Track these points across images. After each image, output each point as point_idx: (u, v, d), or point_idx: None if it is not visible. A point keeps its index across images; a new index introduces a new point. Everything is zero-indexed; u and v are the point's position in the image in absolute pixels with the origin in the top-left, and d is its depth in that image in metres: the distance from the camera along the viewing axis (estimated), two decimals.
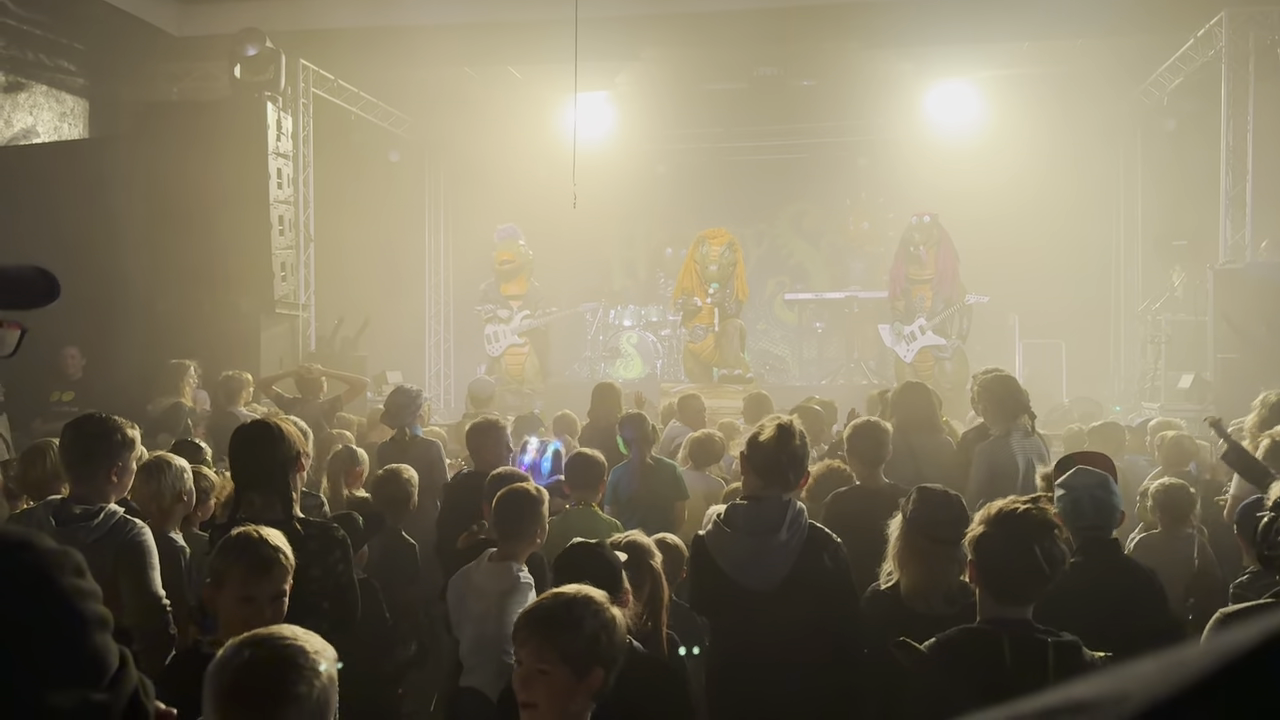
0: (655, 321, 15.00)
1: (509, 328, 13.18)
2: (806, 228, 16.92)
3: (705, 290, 11.33)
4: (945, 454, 5.37)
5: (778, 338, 16.61)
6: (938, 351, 11.88)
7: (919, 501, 3.16)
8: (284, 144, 10.96)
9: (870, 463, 4.51)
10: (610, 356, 14.83)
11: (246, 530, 2.62)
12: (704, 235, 11.45)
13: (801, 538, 3.12)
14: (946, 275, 11.95)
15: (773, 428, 3.15)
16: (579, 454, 4.88)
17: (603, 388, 6.95)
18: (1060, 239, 13.72)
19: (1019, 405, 5.13)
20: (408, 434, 5.79)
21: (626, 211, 15.96)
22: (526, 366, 13.18)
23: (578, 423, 7.20)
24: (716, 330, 11.23)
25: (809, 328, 15.96)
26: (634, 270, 16.92)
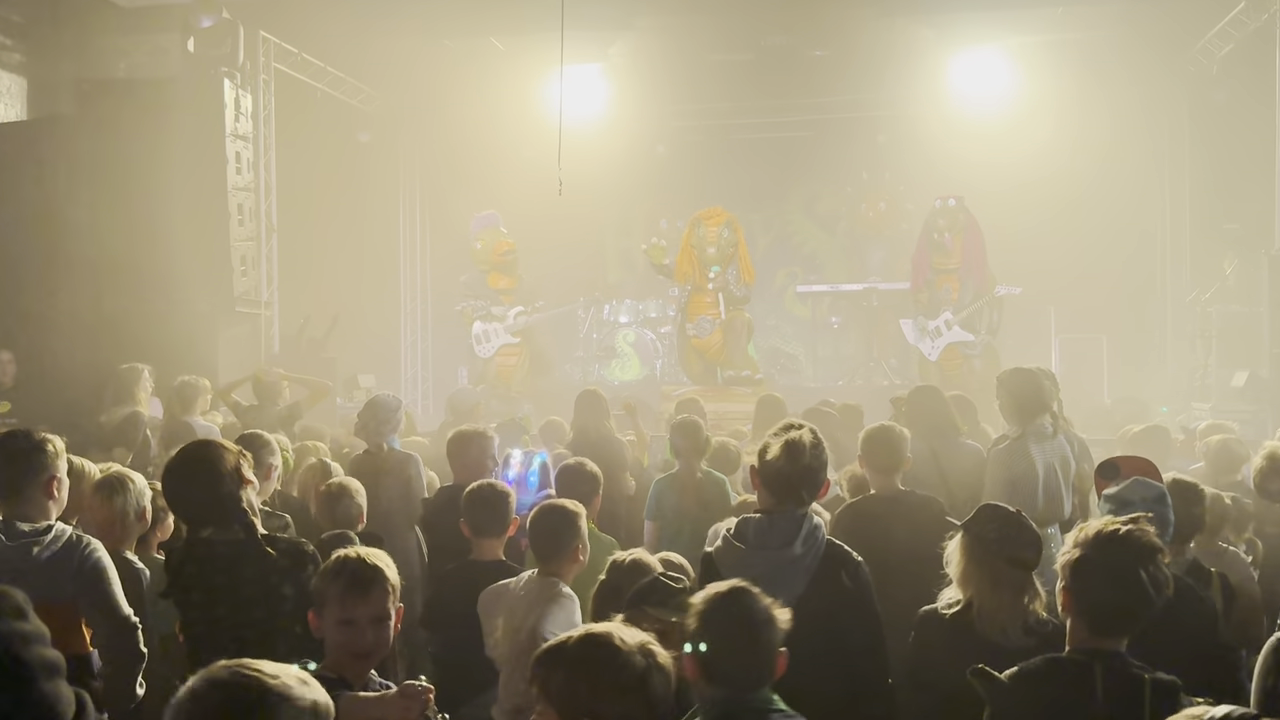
0: (654, 318, 15.01)
1: (503, 325, 13.17)
2: (820, 212, 16.94)
3: (705, 275, 11.35)
4: (971, 460, 5.40)
5: (789, 334, 16.63)
6: (965, 348, 11.91)
7: (990, 520, 3.17)
8: (243, 125, 10.96)
9: (885, 470, 4.55)
10: (605, 357, 14.86)
11: (346, 552, 2.75)
12: (699, 217, 11.48)
13: (818, 554, 3.14)
14: (974, 264, 11.98)
15: (779, 445, 3.17)
16: (570, 464, 4.93)
17: (586, 396, 7.00)
18: (1100, 223, 13.74)
19: (1038, 403, 5.15)
20: (385, 447, 5.79)
21: (622, 196, 15.97)
22: (519, 369, 13.17)
23: (568, 430, 7.22)
24: (723, 321, 11.24)
25: (824, 323, 15.99)
26: (630, 261, 16.94)
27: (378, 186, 15.03)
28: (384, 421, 5.85)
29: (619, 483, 6.35)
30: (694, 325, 11.45)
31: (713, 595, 2.43)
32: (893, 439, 4.59)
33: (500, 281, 13.34)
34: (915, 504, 4.48)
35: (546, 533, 3.72)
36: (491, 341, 13.17)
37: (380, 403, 5.96)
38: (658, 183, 15.53)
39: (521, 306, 13.19)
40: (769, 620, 2.38)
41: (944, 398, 5.82)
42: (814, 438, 3.19)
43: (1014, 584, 3.07)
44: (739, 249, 11.43)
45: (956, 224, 12.01)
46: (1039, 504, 4.90)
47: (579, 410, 6.95)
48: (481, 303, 13.23)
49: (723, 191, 14.39)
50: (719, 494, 5.41)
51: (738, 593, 2.42)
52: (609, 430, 6.84)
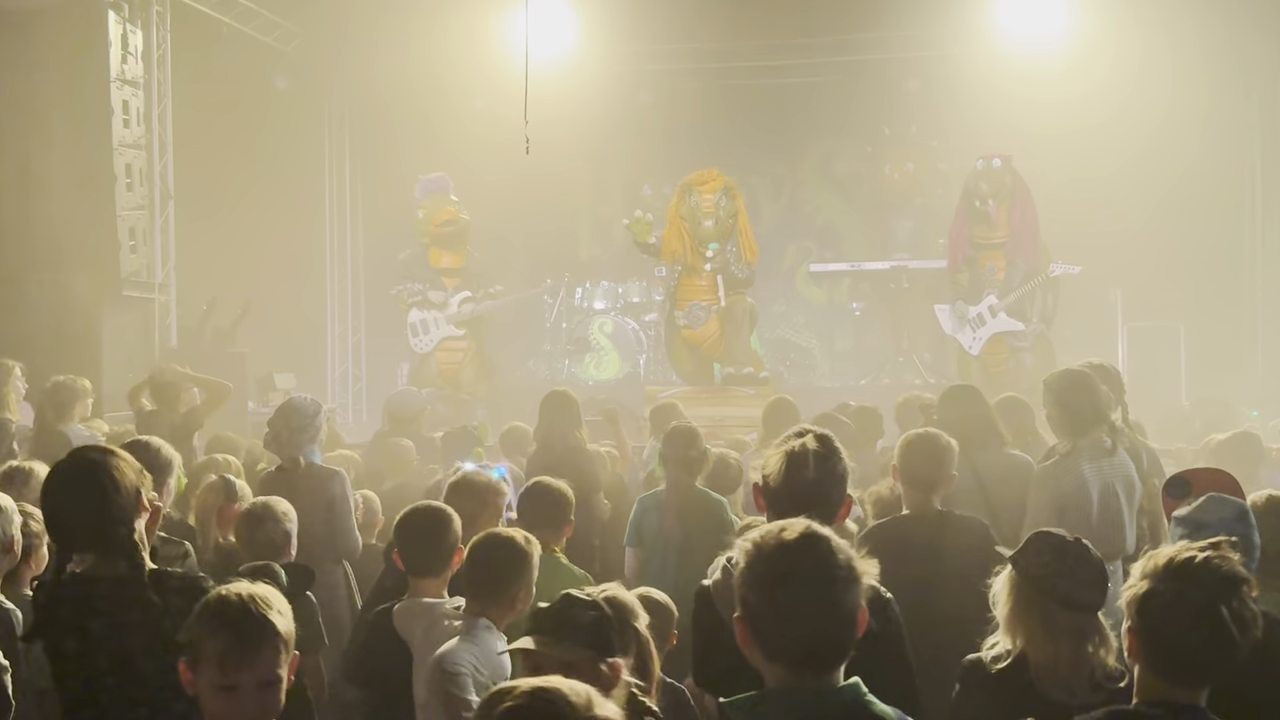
0: (637, 304, 15.02)
1: (444, 315, 13.12)
2: (838, 175, 16.97)
3: (701, 255, 11.32)
4: (1020, 477, 5.41)
5: (801, 323, 16.66)
6: (1014, 340, 11.95)
7: (1041, 551, 3.16)
8: (132, 67, 10.87)
9: (925, 486, 4.56)
10: (577, 351, 14.85)
11: (226, 592, 2.68)
12: (689, 183, 11.44)
13: None
14: (1024, 237, 12.01)
15: (779, 457, 3.16)
16: (538, 483, 4.93)
17: (554, 399, 6.98)
18: (1177, 192, 13.78)
19: (1093, 412, 5.16)
20: (302, 462, 5.76)
21: (598, 156, 15.96)
22: (467, 367, 13.14)
23: (532, 440, 7.21)
24: (720, 311, 11.24)
25: (843, 309, 16.03)
26: (608, 235, 16.92)
27: (299, 145, 14.95)
28: (299, 430, 5.79)
29: (593, 505, 6.33)
30: (685, 313, 11.44)
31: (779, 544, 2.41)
32: (938, 449, 4.61)
33: (443, 259, 13.31)
34: (958, 528, 4.48)
35: (483, 566, 3.73)
36: (430, 334, 13.15)
37: (294, 407, 5.90)
38: (641, 139, 15.48)
39: (468, 291, 13.14)
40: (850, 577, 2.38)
41: (983, 399, 5.82)
42: (823, 446, 3.18)
43: (1073, 630, 3.06)
44: (739, 220, 11.43)
45: (1002, 188, 12.04)
46: (1093, 535, 4.90)
47: (544, 416, 6.93)
48: (419, 286, 13.18)
49: (719, 150, 14.40)
50: (715, 518, 5.40)
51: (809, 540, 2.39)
52: (580, 440, 6.83)
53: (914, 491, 4.59)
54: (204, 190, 12.58)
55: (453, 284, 13.27)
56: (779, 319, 16.55)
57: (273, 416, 5.99)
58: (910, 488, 4.60)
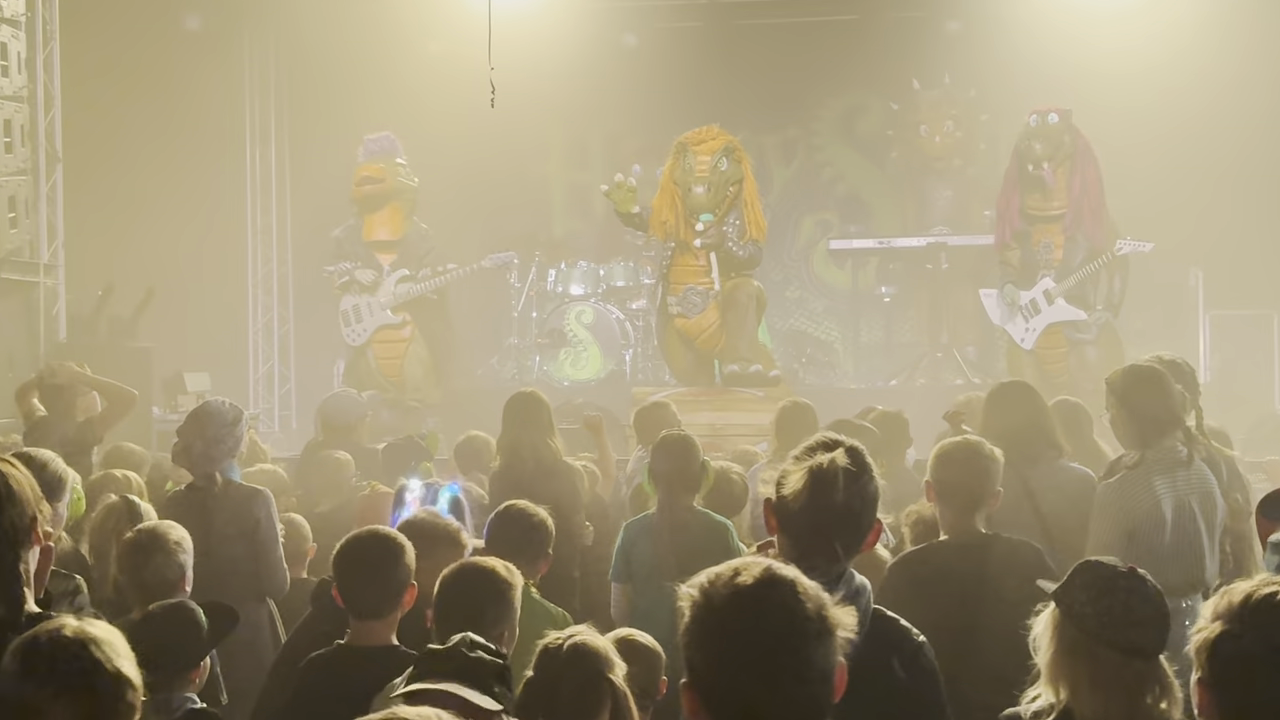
0: (622, 288, 15.00)
1: (376, 299, 13.03)
2: (864, 134, 16.97)
3: (691, 226, 11.26)
4: (1081, 492, 5.40)
5: (819, 312, 16.66)
6: (1074, 331, 11.93)
7: (1086, 585, 3.15)
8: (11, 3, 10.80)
9: (964, 506, 4.55)
10: (551, 345, 14.82)
11: (52, 629, 2.56)
12: (684, 141, 11.36)
13: (862, 631, 3.10)
14: (1087, 208, 11.99)
15: (803, 474, 3.12)
16: (512, 508, 4.93)
17: (522, 403, 6.94)
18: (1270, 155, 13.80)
19: (1167, 415, 5.15)
20: (219, 480, 5.74)
21: (575, 111, 15.93)
22: (410, 361, 13.07)
23: (493, 449, 7.18)
24: (721, 296, 11.22)
25: (870, 295, 16.03)
26: (587, 206, 16.90)
27: (215, 98, 14.87)
28: (215, 440, 5.76)
29: (572, 529, 6.31)
30: (679, 299, 11.40)
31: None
32: (979, 460, 4.60)
33: (377, 230, 13.18)
34: (1007, 555, 4.47)
35: (457, 604, 3.69)
36: (364, 322, 13.06)
37: (209, 413, 5.86)
38: (625, 91, 15.47)
39: (407, 269, 13.07)
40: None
41: (1038, 400, 5.80)
42: (855, 462, 3.15)
43: (1126, 679, 3.04)
44: (744, 189, 11.38)
45: (1059, 150, 12.01)
46: (1167, 563, 4.91)
47: (510, 423, 6.90)
48: (347, 265, 13.10)
49: (720, 105, 14.37)
50: (718, 545, 5.37)
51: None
52: (554, 452, 6.80)
53: (952, 512, 4.58)
54: (99, 153, 12.52)
55: (388, 260, 13.15)
56: (792, 306, 16.54)
57: (183, 424, 5.95)
58: (947, 508, 4.59)
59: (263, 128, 15.88)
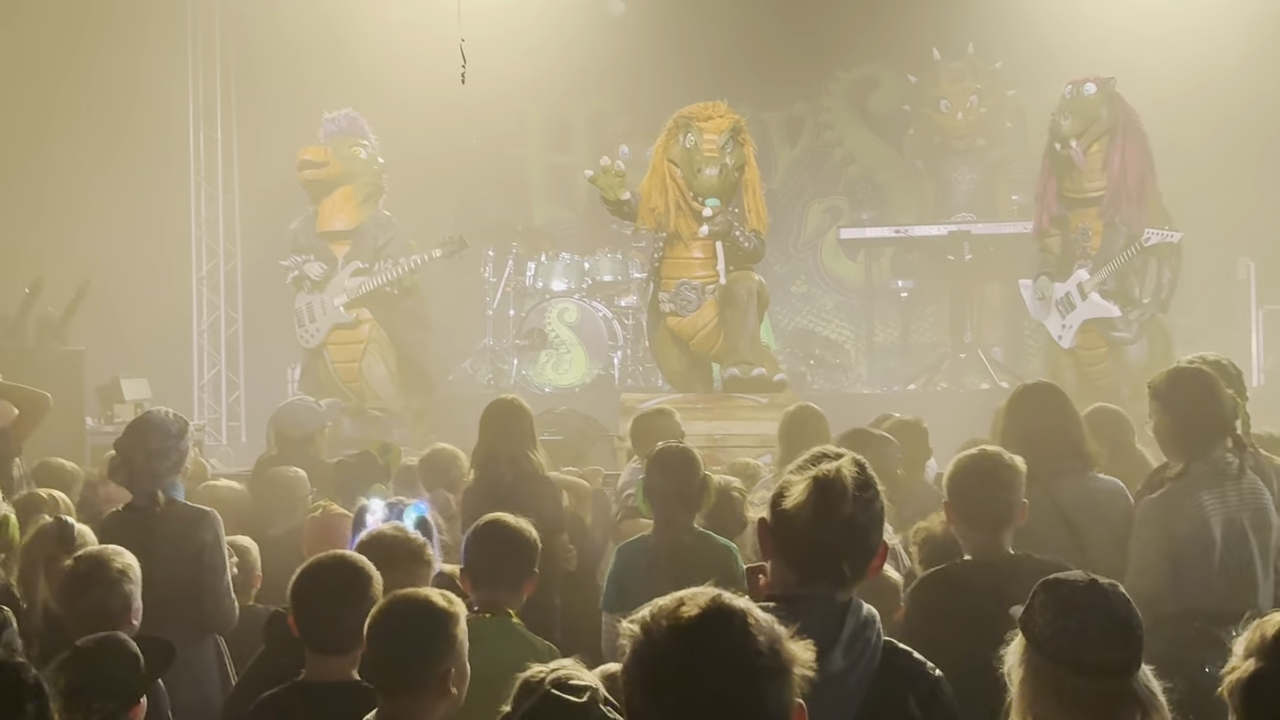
0: (609, 283, 15.02)
1: (329, 294, 12.95)
2: (878, 111, 17.00)
3: (694, 214, 11.19)
4: (1115, 506, 5.42)
5: (828, 309, 16.69)
6: (1109, 329, 11.77)
7: (1045, 607, 3.18)
8: None
9: (987, 524, 4.55)
10: (530, 346, 14.83)
11: None
12: (687, 116, 11.25)
13: (871, 667, 3.13)
14: (1127, 190, 11.79)
15: (803, 488, 3.12)
16: (494, 524, 4.91)
17: (500, 411, 6.96)
18: None
19: (1215, 422, 5.16)
20: (161, 499, 5.73)
21: (555, 86, 15.93)
22: (369, 365, 13.04)
23: (463, 463, 7.21)
24: (718, 292, 11.21)
25: (885, 290, 16.07)
26: (569, 192, 16.92)
27: (154, 70, 14.84)
28: (158, 454, 5.75)
29: (554, 551, 6.31)
30: (671, 296, 11.38)
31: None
32: (1000, 472, 4.59)
33: (332, 220, 13.05)
34: (1036, 577, 4.45)
35: (388, 646, 3.67)
36: (317, 321, 12.98)
37: (152, 424, 5.86)
38: (611, 64, 15.50)
39: (360, 261, 13.00)
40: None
41: (1064, 403, 5.78)
42: (859, 473, 3.16)
43: (1094, 703, 3.08)
44: (747, 174, 11.36)
45: (1094, 124, 11.80)
46: (1216, 589, 4.93)
47: (486, 433, 6.92)
48: (298, 258, 13.01)
49: (718, 78, 14.37)
50: (722, 570, 5.35)
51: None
52: (535, 465, 6.82)
53: (973, 531, 4.57)
54: (20, 132, 12.48)
55: (342, 251, 13.02)
56: (799, 303, 16.57)
57: (121, 437, 5.94)
58: (968, 527, 4.59)
59: (208, 105, 15.83)
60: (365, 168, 13.07)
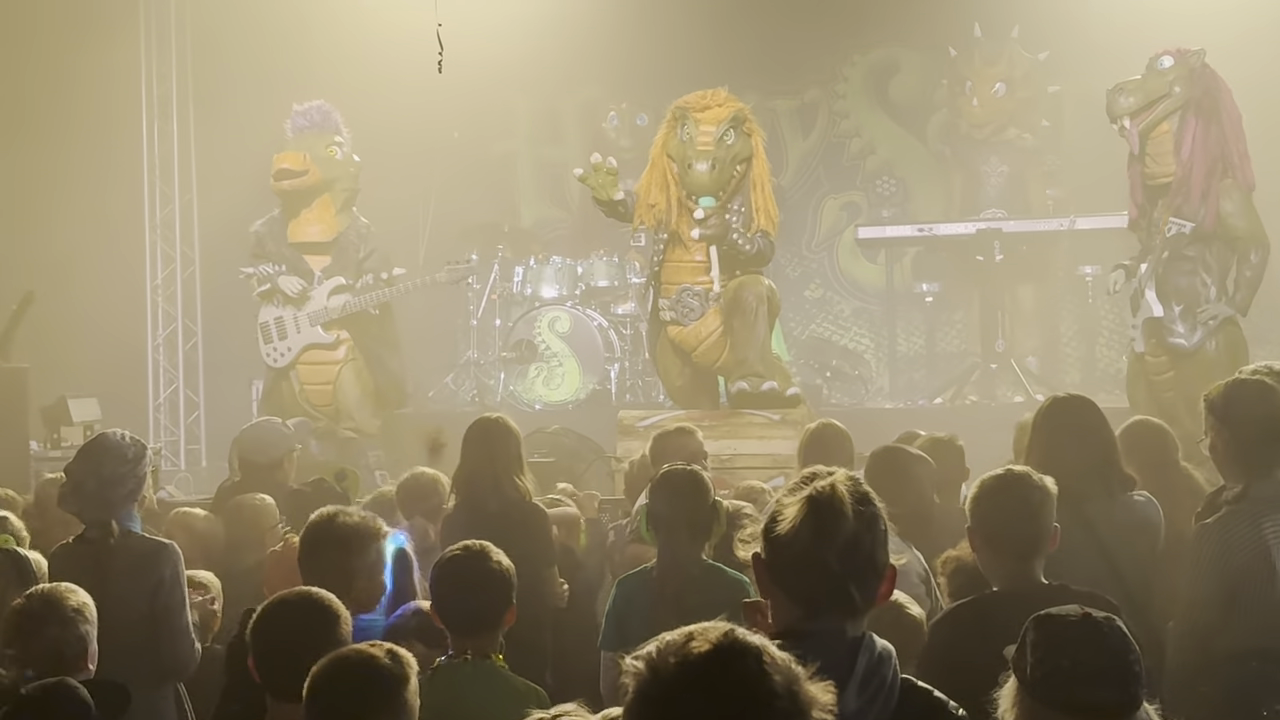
0: (604, 288, 15.02)
1: (304, 312, 12.96)
2: (899, 98, 17.01)
3: (687, 213, 11.19)
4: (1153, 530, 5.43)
5: (846, 315, 16.71)
6: (1166, 333, 11.42)
7: (1036, 645, 3.22)
8: None
9: (1017, 551, 4.56)
10: (517, 360, 14.81)
11: None
12: (684, 106, 11.21)
13: (888, 707, 3.15)
14: (1194, 178, 11.46)
15: (796, 510, 3.13)
16: (459, 557, 4.91)
17: (484, 431, 6.98)
18: None
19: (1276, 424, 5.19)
20: (116, 530, 5.75)
21: (542, 75, 15.97)
22: (344, 387, 13.05)
23: (444, 489, 7.22)
24: (724, 299, 11.21)
25: (908, 294, 16.08)
26: (560, 190, 16.94)
27: (104, 58, 14.88)
28: (113, 481, 5.77)
29: (542, 586, 6.35)
30: (672, 303, 11.35)
31: None
32: (1028, 493, 4.60)
33: (306, 230, 13.05)
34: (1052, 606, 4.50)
35: (330, 710, 3.67)
36: (289, 339, 12.95)
37: (106, 448, 5.88)
38: (604, 50, 15.51)
39: (342, 277, 13.02)
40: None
41: (1097, 419, 5.77)
42: (856, 488, 3.18)
43: None
44: (753, 169, 11.34)
45: (1164, 100, 11.39)
46: (1277, 623, 4.96)
47: (469, 454, 6.95)
48: (269, 268, 12.98)
49: (722, 63, 14.44)
50: (732, 605, 5.32)
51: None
52: (522, 491, 6.85)
53: (1000, 559, 4.58)
54: None
55: (320, 264, 13.07)
56: (814, 309, 16.58)
57: (72, 461, 5.96)
58: (995, 554, 4.59)
59: (163, 94, 15.82)
60: (342, 170, 13.09)
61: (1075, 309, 15.60)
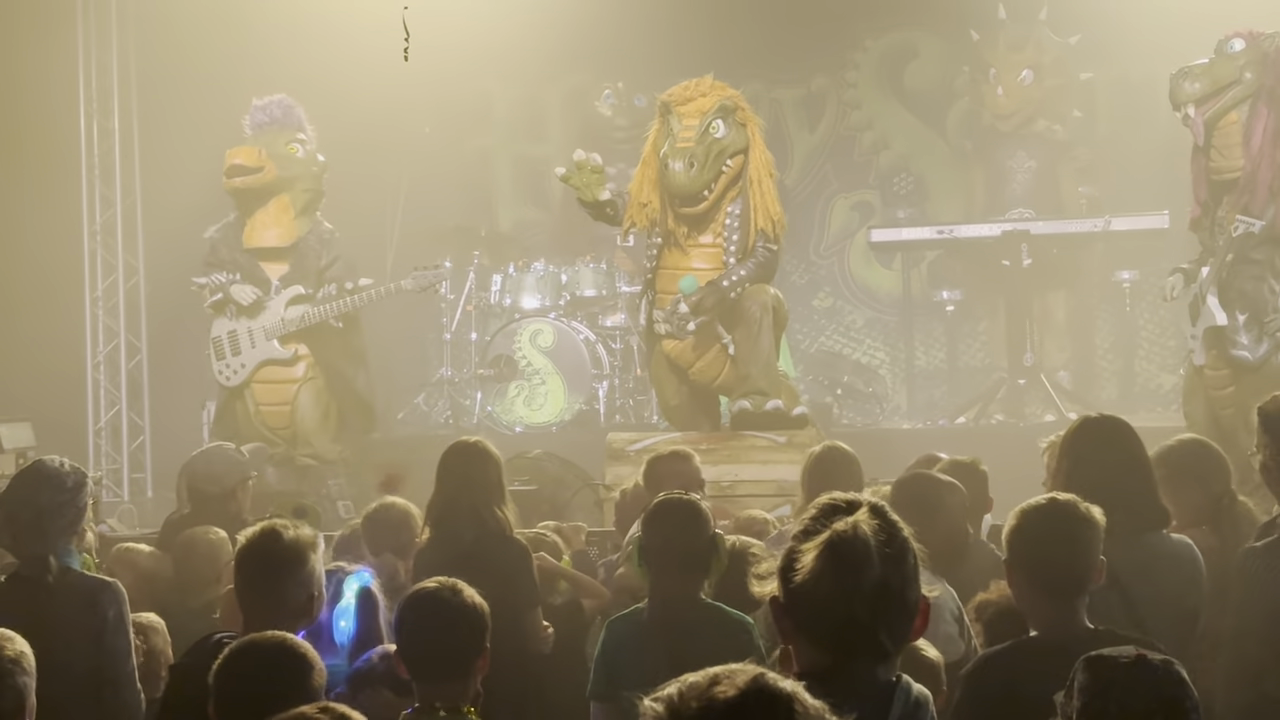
0: (592, 298, 15.05)
1: (259, 324, 12.91)
2: (914, 85, 17.07)
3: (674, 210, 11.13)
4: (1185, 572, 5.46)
5: (858, 327, 16.77)
6: (1228, 345, 11.30)
7: (1086, 685, 3.23)
8: None
9: (1061, 590, 4.56)
10: (496, 378, 14.83)
11: None
12: (668, 100, 11.18)
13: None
14: (1263, 173, 11.29)
15: (817, 550, 3.12)
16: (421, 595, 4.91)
17: (461, 456, 7.00)
18: None
19: None
20: (54, 566, 5.76)
21: (521, 64, 16.03)
22: (303, 408, 13.04)
23: (417, 523, 7.21)
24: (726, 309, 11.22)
25: (927, 303, 16.14)
26: (542, 189, 16.98)
27: (41, 48, 14.90)
28: (51, 512, 5.78)
29: (524, 630, 6.37)
30: (667, 314, 11.32)
31: None
32: (1075, 530, 4.60)
33: (261, 234, 13.01)
34: None
35: None
36: (242, 355, 12.91)
37: (43, 476, 5.91)
38: (590, 35, 15.55)
39: (301, 286, 13.01)
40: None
41: (1132, 444, 5.78)
42: (880, 523, 3.17)
43: None
44: (751, 163, 11.34)
45: (1235, 87, 11.14)
46: None
47: (445, 482, 6.96)
48: (222, 277, 12.90)
49: (720, 50, 14.48)
50: (731, 650, 5.31)
51: None
52: (503, 523, 6.85)
53: (1042, 601, 4.56)
54: None
55: (278, 272, 13.03)
56: (824, 319, 16.63)
57: (5, 491, 6.01)
58: (1035, 595, 4.58)
59: (103, 90, 15.82)
60: (304, 169, 13.07)
61: (1111, 318, 15.64)
